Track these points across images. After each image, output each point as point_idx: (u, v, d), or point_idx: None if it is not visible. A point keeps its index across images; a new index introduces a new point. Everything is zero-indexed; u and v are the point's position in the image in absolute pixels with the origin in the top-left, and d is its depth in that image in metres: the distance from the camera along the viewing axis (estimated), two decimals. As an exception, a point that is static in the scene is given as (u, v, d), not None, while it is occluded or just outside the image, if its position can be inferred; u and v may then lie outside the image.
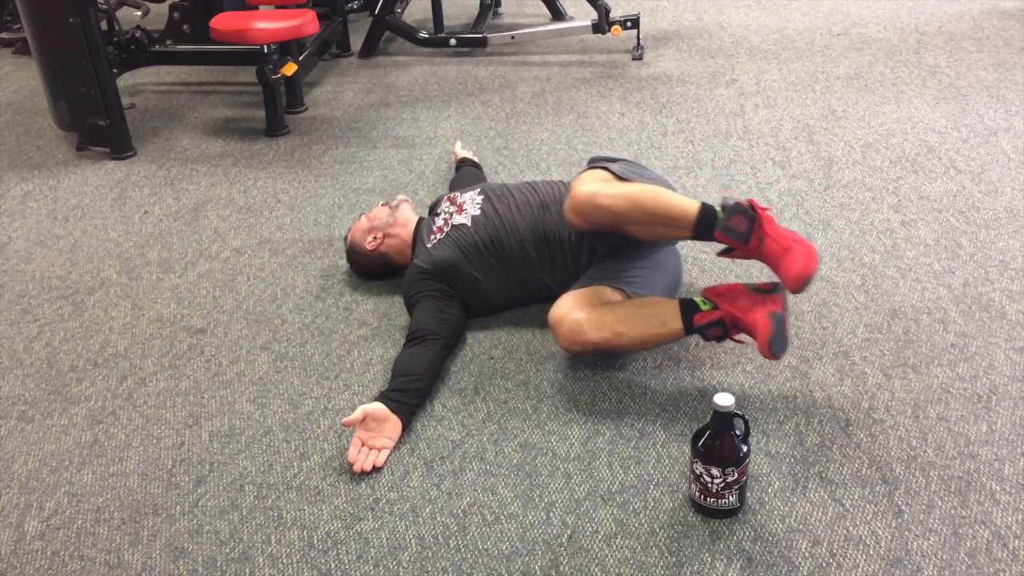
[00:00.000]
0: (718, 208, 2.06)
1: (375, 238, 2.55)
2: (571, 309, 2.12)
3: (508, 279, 2.39)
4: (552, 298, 2.43)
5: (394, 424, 2.01)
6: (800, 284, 1.94)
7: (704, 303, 2.08)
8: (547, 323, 2.38)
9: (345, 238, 2.66)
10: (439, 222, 2.48)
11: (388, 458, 1.97)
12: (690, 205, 2.08)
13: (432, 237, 2.44)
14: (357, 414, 1.95)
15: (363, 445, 1.97)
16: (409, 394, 2.07)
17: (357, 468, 1.92)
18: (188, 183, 3.39)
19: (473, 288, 2.37)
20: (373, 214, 2.59)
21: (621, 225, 2.12)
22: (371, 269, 2.61)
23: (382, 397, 2.04)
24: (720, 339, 2.08)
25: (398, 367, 2.15)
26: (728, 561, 1.68)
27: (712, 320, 2.04)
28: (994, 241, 2.65)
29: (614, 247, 2.29)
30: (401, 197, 2.63)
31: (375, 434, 1.98)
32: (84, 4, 3.33)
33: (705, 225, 2.05)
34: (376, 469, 1.94)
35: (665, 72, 4.21)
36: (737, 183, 3.10)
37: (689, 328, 2.07)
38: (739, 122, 3.60)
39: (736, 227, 2.03)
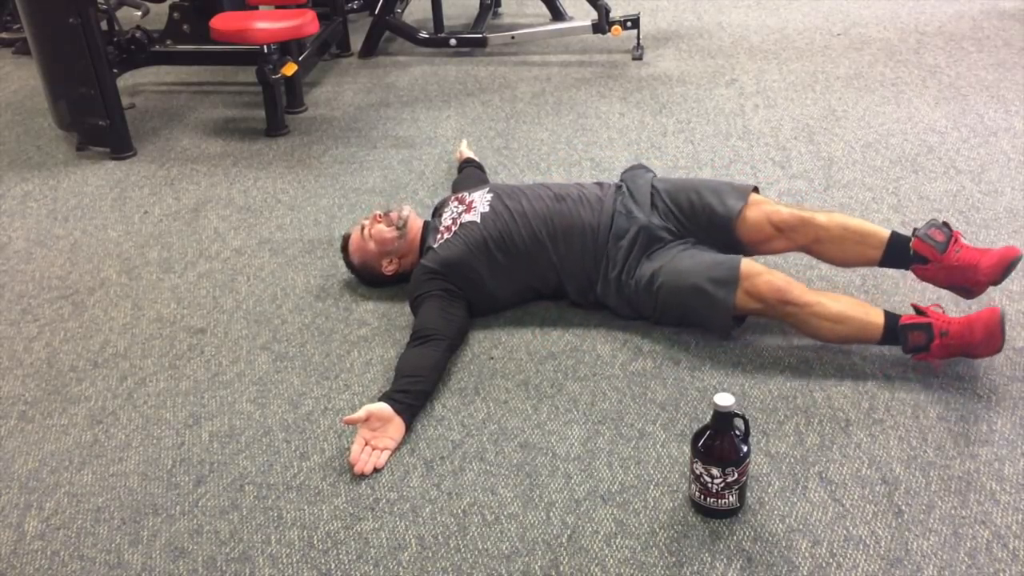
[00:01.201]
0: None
1: (390, 262, 2.53)
2: (772, 269, 2.18)
3: (514, 276, 2.39)
4: (555, 296, 2.44)
5: (398, 425, 2.01)
6: (1006, 265, 2.10)
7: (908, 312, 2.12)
8: (547, 321, 2.39)
9: (344, 249, 2.60)
10: (447, 222, 2.47)
11: (388, 459, 1.97)
12: (880, 227, 2.25)
13: (439, 237, 2.43)
14: (360, 413, 1.95)
15: (366, 444, 1.97)
16: (413, 395, 2.07)
17: (358, 469, 1.92)
18: (188, 183, 3.39)
19: (479, 286, 2.37)
20: (378, 235, 2.50)
21: (819, 242, 2.27)
22: (386, 284, 2.60)
23: (386, 398, 2.04)
24: (918, 349, 2.07)
25: (402, 367, 2.14)
26: (728, 561, 1.68)
27: (919, 322, 2.06)
28: (994, 241, 2.65)
29: (667, 241, 2.33)
30: (406, 211, 2.54)
31: (379, 434, 1.98)
32: (84, 4, 3.33)
33: (898, 242, 2.21)
34: (376, 470, 1.94)
35: (665, 72, 4.21)
36: (737, 183, 3.10)
37: (891, 328, 2.08)
38: (739, 122, 3.60)
39: (934, 236, 2.18)
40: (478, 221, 2.41)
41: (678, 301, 2.25)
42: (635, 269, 2.30)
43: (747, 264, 2.18)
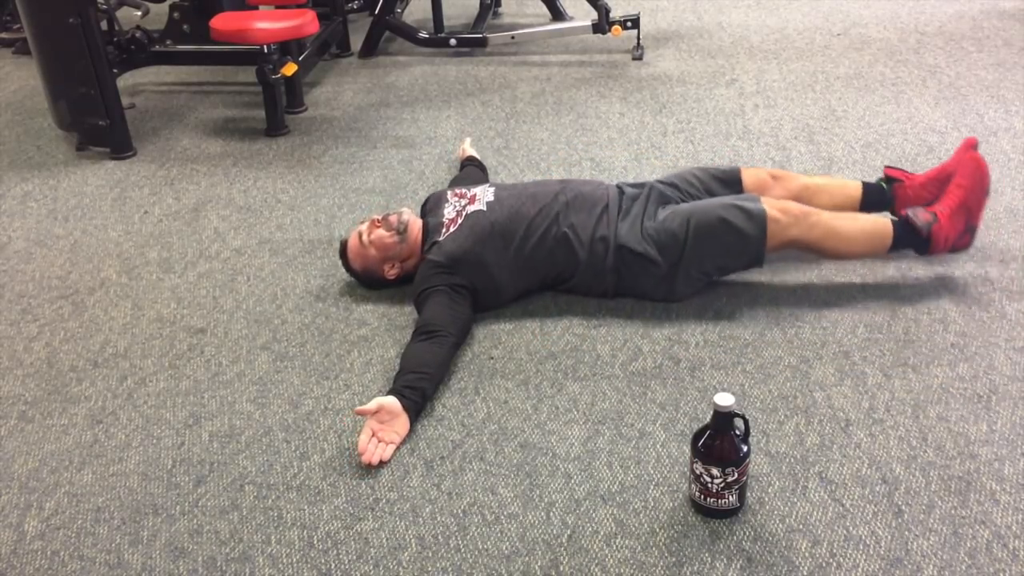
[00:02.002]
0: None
1: (392, 266, 2.53)
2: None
3: (523, 259, 2.40)
4: (564, 278, 2.46)
5: (404, 421, 2.01)
6: (970, 144, 2.48)
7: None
8: (547, 321, 2.40)
9: (343, 255, 2.58)
10: (450, 215, 2.47)
11: (393, 454, 1.97)
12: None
13: (444, 231, 2.44)
14: (371, 405, 1.96)
15: (373, 435, 1.97)
16: (419, 392, 2.07)
17: (366, 459, 1.92)
18: (188, 183, 3.39)
19: (486, 276, 2.37)
20: (379, 240, 2.48)
21: (807, 190, 2.57)
22: (387, 287, 2.59)
23: (395, 392, 2.04)
24: (930, 224, 2.34)
25: (408, 362, 2.14)
26: (728, 561, 1.68)
27: (919, 205, 2.42)
28: (994, 241, 2.65)
29: (676, 200, 2.54)
30: (405, 214, 2.52)
31: (386, 427, 1.98)
32: (84, 4, 3.33)
33: (873, 186, 2.61)
34: (382, 463, 1.94)
35: (665, 72, 4.21)
36: (737, 183, 3.10)
37: (899, 221, 2.40)
38: (739, 122, 3.60)
39: (902, 168, 2.62)
40: (484, 209, 2.43)
41: (712, 222, 2.35)
42: (655, 215, 2.45)
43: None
